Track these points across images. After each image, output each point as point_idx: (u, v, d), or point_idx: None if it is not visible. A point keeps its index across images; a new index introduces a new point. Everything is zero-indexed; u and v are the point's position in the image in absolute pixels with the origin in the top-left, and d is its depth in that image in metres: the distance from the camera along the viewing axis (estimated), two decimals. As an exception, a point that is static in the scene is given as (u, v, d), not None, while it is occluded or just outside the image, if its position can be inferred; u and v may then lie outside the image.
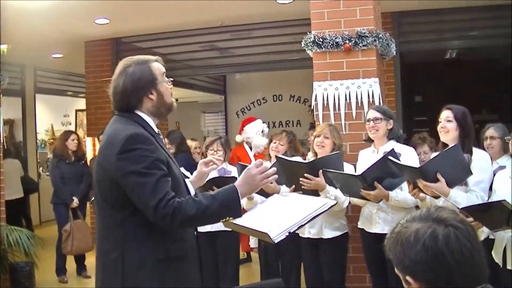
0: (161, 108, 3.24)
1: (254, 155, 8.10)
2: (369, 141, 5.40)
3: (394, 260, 2.00)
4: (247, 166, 6.13)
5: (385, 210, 5.14)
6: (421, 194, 4.53)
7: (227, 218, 3.13)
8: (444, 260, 1.88)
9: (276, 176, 3.38)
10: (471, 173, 4.43)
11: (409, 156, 5.07)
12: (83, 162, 9.01)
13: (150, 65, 3.22)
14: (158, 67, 3.24)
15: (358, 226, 5.44)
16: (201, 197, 3.06)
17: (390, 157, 4.63)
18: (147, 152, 2.98)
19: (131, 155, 2.95)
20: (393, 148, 4.92)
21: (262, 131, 8.24)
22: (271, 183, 5.34)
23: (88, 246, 8.41)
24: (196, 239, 3.34)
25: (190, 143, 8.48)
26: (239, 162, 6.20)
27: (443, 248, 1.88)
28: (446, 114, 4.77)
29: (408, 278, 1.94)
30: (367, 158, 5.32)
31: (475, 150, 4.69)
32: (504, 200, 3.74)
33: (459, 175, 4.43)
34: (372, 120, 5.24)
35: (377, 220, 5.19)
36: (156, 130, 3.24)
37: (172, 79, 3.32)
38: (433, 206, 2.16)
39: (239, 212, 3.15)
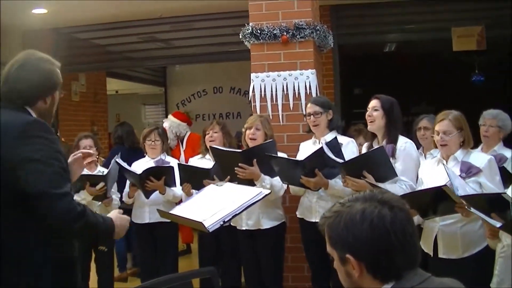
0: (45, 117, 2.96)
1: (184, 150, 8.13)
2: (310, 132, 5.43)
3: (333, 238, 2.03)
4: (185, 165, 6.11)
5: (325, 198, 5.18)
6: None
7: (101, 246, 2.93)
8: (389, 240, 1.93)
9: None
10: (396, 174, 4.55)
11: (347, 148, 5.13)
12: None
13: (57, 69, 3.02)
14: (60, 74, 3.04)
15: (298, 216, 5.48)
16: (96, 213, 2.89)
17: (325, 147, 4.69)
18: (48, 142, 2.76)
19: (32, 141, 2.71)
20: (335, 137, 4.98)
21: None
22: (214, 179, 5.38)
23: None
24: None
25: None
26: (179, 162, 6.17)
27: (389, 228, 1.93)
28: (373, 104, 4.87)
29: (348, 255, 1.97)
30: (308, 150, 5.33)
31: (400, 138, 4.80)
32: (445, 185, 3.82)
33: (384, 175, 4.54)
34: (312, 114, 5.27)
35: (317, 209, 5.22)
36: None
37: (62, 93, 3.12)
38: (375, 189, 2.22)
39: (109, 243, 2.95)
